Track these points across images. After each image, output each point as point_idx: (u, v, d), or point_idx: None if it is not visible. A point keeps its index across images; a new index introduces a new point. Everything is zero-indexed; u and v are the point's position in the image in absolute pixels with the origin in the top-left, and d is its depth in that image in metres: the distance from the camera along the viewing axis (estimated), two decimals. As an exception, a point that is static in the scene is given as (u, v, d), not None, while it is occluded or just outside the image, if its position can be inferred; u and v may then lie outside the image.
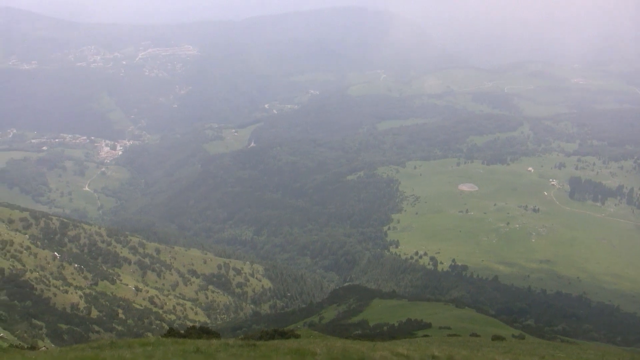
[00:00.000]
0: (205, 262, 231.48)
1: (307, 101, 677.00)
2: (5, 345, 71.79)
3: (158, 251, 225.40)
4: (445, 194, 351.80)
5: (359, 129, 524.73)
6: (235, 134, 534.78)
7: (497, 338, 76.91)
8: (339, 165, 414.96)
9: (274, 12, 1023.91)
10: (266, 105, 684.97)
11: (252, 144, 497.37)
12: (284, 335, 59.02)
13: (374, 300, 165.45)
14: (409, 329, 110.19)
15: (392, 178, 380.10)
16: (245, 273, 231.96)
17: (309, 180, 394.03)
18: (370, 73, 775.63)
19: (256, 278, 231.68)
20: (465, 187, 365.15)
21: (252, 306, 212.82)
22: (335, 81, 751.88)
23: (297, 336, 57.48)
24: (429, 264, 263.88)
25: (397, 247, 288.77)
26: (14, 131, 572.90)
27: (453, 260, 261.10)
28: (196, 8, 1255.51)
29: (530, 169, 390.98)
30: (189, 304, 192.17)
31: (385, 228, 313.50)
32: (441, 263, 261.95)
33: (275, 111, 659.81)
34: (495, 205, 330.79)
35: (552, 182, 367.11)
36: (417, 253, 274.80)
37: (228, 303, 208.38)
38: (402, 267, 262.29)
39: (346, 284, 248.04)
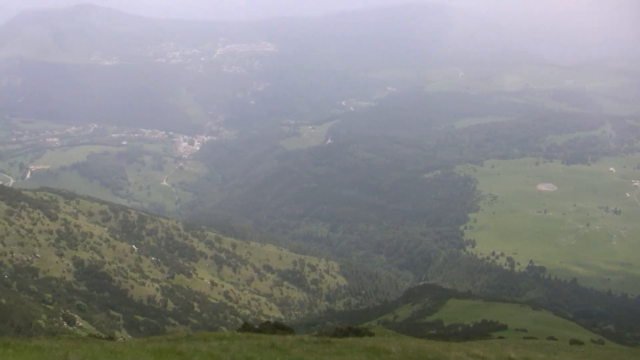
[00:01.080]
0: (280, 258, 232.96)
1: (384, 98, 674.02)
2: (84, 334, 73.70)
3: (234, 246, 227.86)
4: (523, 194, 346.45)
5: (436, 127, 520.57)
6: (312, 130, 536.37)
7: (575, 342, 75.14)
8: (415, 163, 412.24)
9: (352, 9, 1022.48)
10: (343, 102, 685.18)
11: (329, 141, 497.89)
12: (358, 332, 58.90)
13: (449, 300, 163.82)
14: (484, 330, 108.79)
15: (469, 177, 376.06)
16: (320, 270, 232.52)
17: (385, 177, 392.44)
18: (448, 70, 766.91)
19: (331, 275, 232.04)
20: (543, 187, 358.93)
21: (326, 303, 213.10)
22: (413, 78, 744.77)
23: (371, 334, 57.28)
24: (505, 264, 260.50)
25: (473, 246, 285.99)
26: (95, 126, 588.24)
27: (530, 262, 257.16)
28: (274, 5, 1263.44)
29: (612, 169, 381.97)
30: (263, 300, 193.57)
31: (462, 227, 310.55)
32: (518, 264, 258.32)
33: (352, 108, 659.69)
34: (574, 206, 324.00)
35: (635, 183, 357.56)
36: (493, 253, 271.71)
37: (302, 299, 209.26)
38: (478, 267, 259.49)
39: (421, 282, 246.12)
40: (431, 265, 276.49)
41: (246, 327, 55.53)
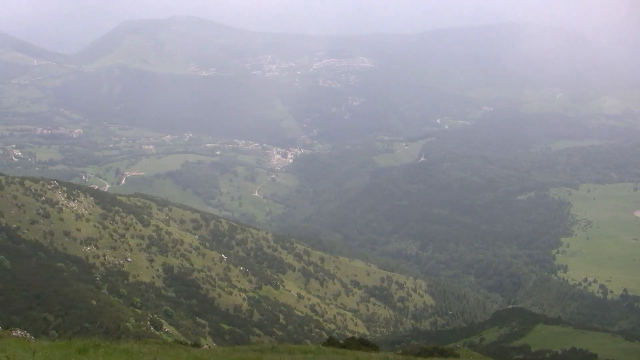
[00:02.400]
0: (368, 274, 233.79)
1: (479, 117, 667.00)
2: (170, 340, 76.56)
3: (322, 260, 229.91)
4: (619, 220, 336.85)
5: (532, 148, 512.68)
6: (406, 147, 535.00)
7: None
8: (509, 184, 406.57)
9: (447, 27, 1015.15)
10: (438, 120, 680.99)
11: (422, 158, 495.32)
12: (443, 353, 59.56)
13: (538, 325, 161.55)
14: (573, 359, 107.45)
15: (563, 200, 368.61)
16: (408, 288, 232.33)
17: (477, 197, 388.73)
18: (545, 91, 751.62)
19: (418, 293, 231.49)
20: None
21: (412, 321, 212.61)
22: (509, 98, 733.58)
23: (456, 355, 57.89)
24: (598, 291, 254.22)
25: (565, 271, 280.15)
26: (190, 135, 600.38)
27: (624, 290, 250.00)
28: (371, 21, 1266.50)
29: None
30: (349, 315, 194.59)
31: (554, 251, 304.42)
32: (611, 292, 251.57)
33: (447, 126, 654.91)
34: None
35: None
36: (585, 279, 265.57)
37: (388, 316, 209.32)
38: (569, 293, 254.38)
39: (510, 306, 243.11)
40: (520, 289, 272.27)
41: (331, 342, 56.99)
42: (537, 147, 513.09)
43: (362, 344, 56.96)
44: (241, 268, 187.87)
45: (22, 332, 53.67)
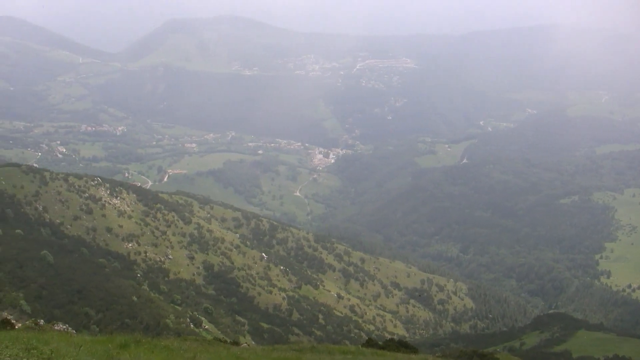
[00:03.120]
0: (408, 276, 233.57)
1: (523, 120, 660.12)
2: (209, 337, 77.57)
3: (362, 260, 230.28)
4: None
5: (576, 152, 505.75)
6: (448, 149, 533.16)
7: None
8: (552, 188, 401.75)
9: (490, 29, 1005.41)
10: (481, 122, 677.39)
11: (465, 160, 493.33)
12: (483, 357, 59.73)
13: (579, 331, 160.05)
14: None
15: (607, 205, 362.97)
16: (448, 290, 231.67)
17: (520, 200, 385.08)
18: (590, 94, 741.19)
19: (458, 296, 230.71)
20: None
21: (452, 324, 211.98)
22: (553, 100, 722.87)
23: (496, 359, 57.94)
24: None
25: (608, 277, 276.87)
26: (233, 134, 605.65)
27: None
28: (414, 21, 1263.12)
29: None
30: (388, 316, 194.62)
31: (597, 257, 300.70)
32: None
33: (490, 128, 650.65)
34: None
35: None
36: (629, 286, 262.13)
37: (428, 319, 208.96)
38: (612, 299, 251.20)
39: (551, 310, 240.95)
40: (562, 294, 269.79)
41: (370, 343, 57.45)
42: (582, 151, 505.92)
43: (401, 345, 57.33)
44: (281, 267, 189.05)
45: (64, 326, 54.80)
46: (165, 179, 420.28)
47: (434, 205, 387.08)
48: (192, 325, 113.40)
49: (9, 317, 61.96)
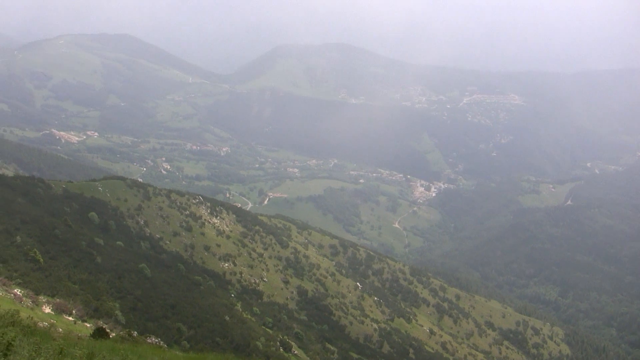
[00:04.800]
0: (503, 316, 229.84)
1: (633, 163, 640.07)
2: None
3: (458, 297, 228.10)
4: None
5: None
6: (552, 189, 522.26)
7: None
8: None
9: (603, 68, 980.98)
10: (588, 164, 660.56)
11: (569, 202, 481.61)
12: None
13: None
14: None
15: None
16: (544, 334, 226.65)
17: (625, 247, 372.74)
18: None
19: (554, 341, 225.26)
20: None
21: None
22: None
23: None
24: None
25: None
26: (335, 161, 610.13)
27: None
28: (524, 58, 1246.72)
29: None
30: (480, 356, 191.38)
31: None
32: None
33: (597, 170, 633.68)
34: None
35: None
36: None
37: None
38: None
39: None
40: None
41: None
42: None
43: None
44: (375, 298, 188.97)
45: (157, 340, 57.08)
46: (266, 202, 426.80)
47: (534, 246, 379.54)
48: (281, 349, 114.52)
49: (104, 325, 65.05)
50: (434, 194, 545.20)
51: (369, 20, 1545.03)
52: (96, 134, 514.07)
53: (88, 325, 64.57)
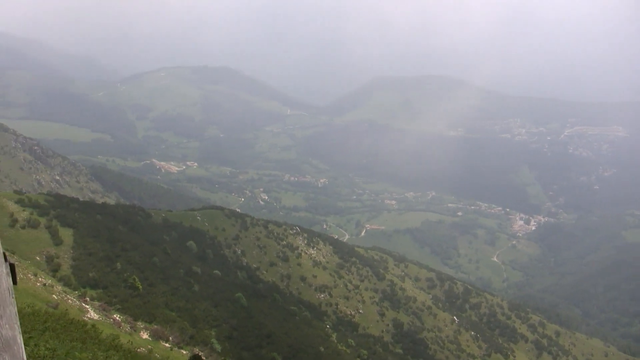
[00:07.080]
0: (606, 355, 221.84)
1: None
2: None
3: (557, 334, 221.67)
4: None
5: None
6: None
7: None
8: None
9: None
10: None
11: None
12: None
13: None
14: None
15: None
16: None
17: None
18: None
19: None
20: None
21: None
22: None
23: None
24: None
25: None
26: (433, 193, 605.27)
27: None
28: (630, 88, 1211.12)
29: None
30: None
31: None
32: None
33: None
34: None
35: None
36: None
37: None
38: None
39: None
40: None
41: None
42: None
43: None
44: (472, 332, 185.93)
45: (252, 369, 57.55)
46: (363, 234, 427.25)
47: (639, 283, 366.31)
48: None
49: (200, 353, 66.07)
50: (533, 228, 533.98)
51: (463, 51, 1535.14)
52: (195, 164, 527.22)
53: (184, 352, 65.81)
